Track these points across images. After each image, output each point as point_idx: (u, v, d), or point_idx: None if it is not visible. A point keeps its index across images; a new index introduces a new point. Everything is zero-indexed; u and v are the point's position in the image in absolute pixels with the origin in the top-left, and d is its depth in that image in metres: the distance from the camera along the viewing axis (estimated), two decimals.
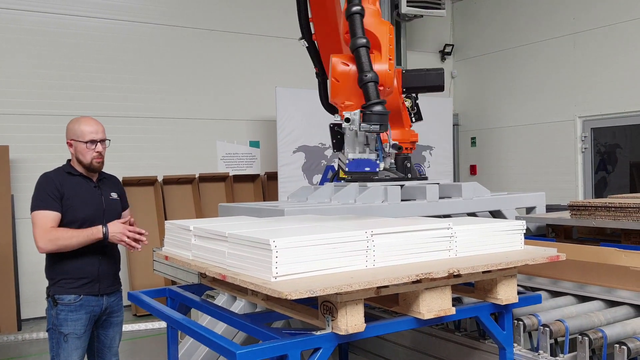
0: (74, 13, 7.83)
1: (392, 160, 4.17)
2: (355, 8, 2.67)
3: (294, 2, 3.59)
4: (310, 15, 3.51)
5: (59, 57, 7.70)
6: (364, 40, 2.61)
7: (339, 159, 2.76)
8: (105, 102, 7.92)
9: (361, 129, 2.47)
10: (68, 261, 3.24)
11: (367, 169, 2.51)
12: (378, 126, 2.46)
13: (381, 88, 2.68)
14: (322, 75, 3.12)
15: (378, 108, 2.46)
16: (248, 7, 9.05)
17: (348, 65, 2.73)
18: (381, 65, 2.71)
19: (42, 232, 3.17)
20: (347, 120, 2.45)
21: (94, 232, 3.19)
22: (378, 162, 2.53)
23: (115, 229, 3.20)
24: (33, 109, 7.52)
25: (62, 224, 3.25)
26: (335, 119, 2.87)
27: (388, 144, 3.98)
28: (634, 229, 3.13)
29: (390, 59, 2.77)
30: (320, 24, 3.10)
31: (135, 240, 3.25)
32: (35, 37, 7.57)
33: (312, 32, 3.51)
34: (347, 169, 2.49)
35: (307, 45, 3.56)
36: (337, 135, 2.81)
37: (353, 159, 2.49)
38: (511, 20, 9.91)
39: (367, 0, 2.87)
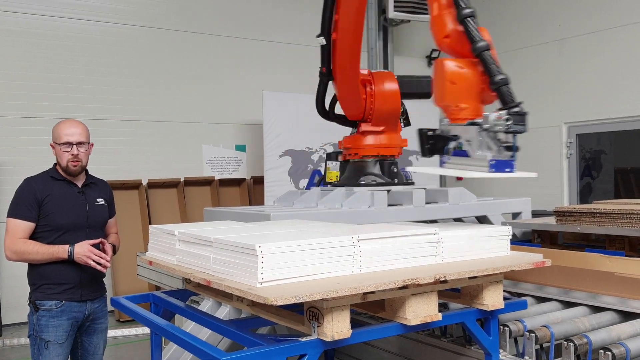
0: (58, 14, 7.74)
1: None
2: (467, 11, 2.63)
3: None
4: (335, 12, 3.33)
5: (43, 58, 7.62)
6: (485, 43, 2.58)
7: (445, 161, 2.66)
8: (90, 105, 7.84)
9: (510, 130, 2.45)
10: (49, 266, 3.18)
11: (508, 169, 2.48)
12: (524, 126, 2.46)
13: None
14: (327, 76, 2.98)
15: (520, 109, 2.46)
16: (235, 11, 9.02)
17: (463, 68, 2.70)
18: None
19: (10, 242, 3.16)
20: (508, 119, 2.43)
21: (60, 251, 3.14)
22: (514, 162, 2.50)
23: (81, 251, 3.13)
24: (16, 111, 7.42)
25: (42, 230, 3.20)
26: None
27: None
28: (619, 234, 3.15)
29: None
30: (345, 23, 2.94)
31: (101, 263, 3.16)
32: (17, 39, 7.48)
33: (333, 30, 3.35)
34: (492, 170, 2.44)
35: (324, 43, 3.39)
36: (430, 140, 2.76)
37: (497, 160, 2.44)
38: (497, 26, 9.96)
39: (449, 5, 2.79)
